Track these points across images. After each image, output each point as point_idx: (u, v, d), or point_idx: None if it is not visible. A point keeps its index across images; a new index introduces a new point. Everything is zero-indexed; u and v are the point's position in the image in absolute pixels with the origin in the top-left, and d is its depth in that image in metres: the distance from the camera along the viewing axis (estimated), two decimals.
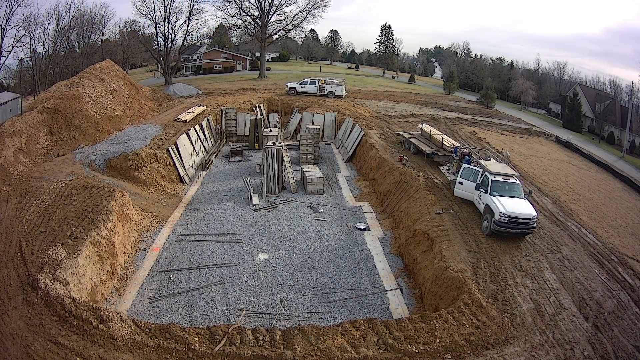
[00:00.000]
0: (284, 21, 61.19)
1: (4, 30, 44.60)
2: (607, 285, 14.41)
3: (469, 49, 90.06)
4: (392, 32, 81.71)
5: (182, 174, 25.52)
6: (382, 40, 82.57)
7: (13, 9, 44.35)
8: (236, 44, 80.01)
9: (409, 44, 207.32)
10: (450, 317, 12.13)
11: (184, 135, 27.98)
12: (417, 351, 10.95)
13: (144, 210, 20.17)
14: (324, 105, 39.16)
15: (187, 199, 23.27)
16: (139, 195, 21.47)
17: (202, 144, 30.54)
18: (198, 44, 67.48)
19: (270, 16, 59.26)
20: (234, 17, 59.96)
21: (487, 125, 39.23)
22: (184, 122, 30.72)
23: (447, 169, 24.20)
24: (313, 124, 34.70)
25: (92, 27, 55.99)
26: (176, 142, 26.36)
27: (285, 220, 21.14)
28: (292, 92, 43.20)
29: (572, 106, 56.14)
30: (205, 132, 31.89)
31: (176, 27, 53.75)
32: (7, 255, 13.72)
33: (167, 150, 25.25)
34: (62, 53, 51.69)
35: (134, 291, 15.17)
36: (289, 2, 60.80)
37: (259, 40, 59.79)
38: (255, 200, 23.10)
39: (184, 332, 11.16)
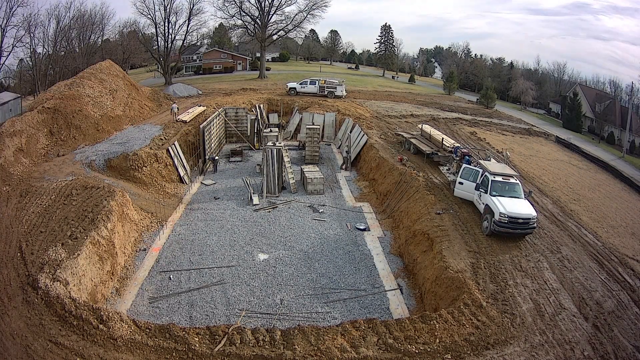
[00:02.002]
0: (284, 21, 61.25)
1: (4, 30, 44.65)
2: (607, 285, 14.41)
3: (469, 49, 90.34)
4: (392, 32, 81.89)
5: (182, 174, 25.52)
6: (382, 41, 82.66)
7: (13, 9, 44.43)
8: (236, 44, 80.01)
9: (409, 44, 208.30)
10: (450, 317, 12.13)
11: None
12: (417, 351, 10.96)
13: (144, 210, 20.17)
14: (324, 105, 39.16)
15: (187, 199, 23.28)
16: (139, 195, 21.46)
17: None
18: (198, 44, 67.46)
19: (270, 16, 59.27)
20: (234, 17, 60.02)
21: (487, 125, 39.22)
22: (184, 122, 30.71)
23: (447, 169, 24.21)
24: (313, 124, 34.71)
25: (92, 27, 55.99)
26: (176, 142, 26.35)
27: (285, 220, 21.13)
28: (292, 92, 43.20)
29: (572, 106, 56.18)
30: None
31: (176, 27, 53.77)
32: (7, 255, 13.72)
33: (167, 150, 25.25)
34: (62, 53, 51.69)
35: (134, 291, 15.17)
36: (289, 2, 60.87)
37: (259, 41, 59.77)
38: (255, 200, 23.10)
39: (184, 332, 11.16)
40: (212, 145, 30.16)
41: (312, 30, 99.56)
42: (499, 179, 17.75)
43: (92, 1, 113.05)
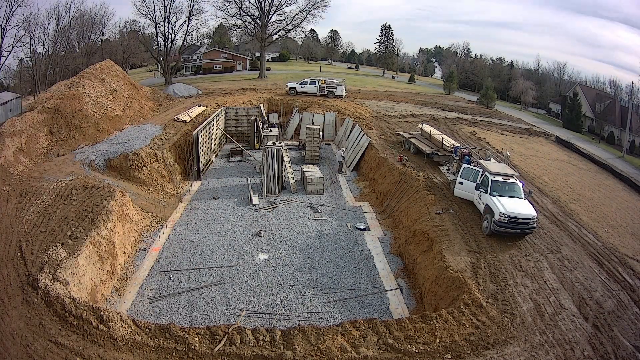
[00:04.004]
0: (284, 21, 61.26)
1: (4, 30, 44.75)
2: (607, 285, 14.41)
3: (469, 49, 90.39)
4: (392, 32, 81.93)
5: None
6: (382, 40, 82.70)
7: (13, 9, 44.58)
8: (236, 44, 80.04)
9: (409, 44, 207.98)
10: (450, 317, 12.13)
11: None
12: (417, 351, 10.96)
13: (144, 210, 20.17)
14: (324, 105, 39.16)
15: (187, 199, 23.28)
16: (139, 195, 21.47)
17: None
18: (198, 44, 67.53)
19: (270, 16, 59.28)
20: (234, 17, 60.02)
21: (487, 125, 39.21)
22: (184, 122, 30.73)
23: (447, 169, 24.20)
24: (313, 124, 34.70)
25: (92, 27, 56.08)
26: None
27: (285, 220, 21.13)
28: (292, 92, 43.19)
29: (572, 106, 56.22)
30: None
31: (176, 27, 53.88)
32: (7, 255, 13.72)
33: (167, 150, 25.23)
34: (62, 53, 51.76)
35: (134, 291, 15.17)
36: (289, 2, 60.79)
37: (259, 40, 59.79)
38: (255, 200, 23.10)
39: (184, 332, 11.16)
40: (212, 146, 30.05)
41: (312, 30, 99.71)
42: (499, 178, 17.74)
43: (92, 1, 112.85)
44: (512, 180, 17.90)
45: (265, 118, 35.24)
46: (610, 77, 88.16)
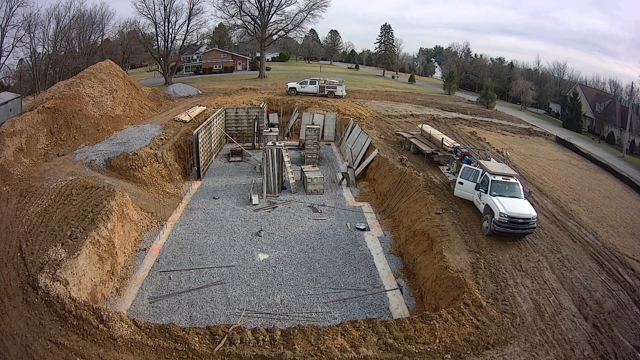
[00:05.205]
0: (284, 21, 61.33)
1: (4, 30, 44.80)
2: (607, 285, 14.41)
3: (469, 49, 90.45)
4: (392, 32, 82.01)
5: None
6: (382, 40, 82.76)
7: (13, 9, 44.64)
8: (236, 44, 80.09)
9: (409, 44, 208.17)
10: (450, 317, 12.13)
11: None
12: (417, 351, 10.96)
13: (144, 210, 20.17)
14: (324, 105, 39.17)
15: (187, 199, 23.28)
16: (139, 195, 21.47)
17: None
18: (198, 44, 67.55)
19: (270, 16, 59.32)
20: (234, 17, 60.08)
21: (487, 125, 39.21)
22: (184, 122, 30.73)
23: (447, 169, 24.20)
24: (313, 124, 34.69)
25: (92, 27, 56.18)
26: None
27: (285, 220, 21.13)
28: (292, 92, 43.21)
29: (572, 106, 56.22)
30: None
31: (176, 27, 53.92)
32: (7, 255, 13.73)
33: (167, 150, 25.22)
34: (62, 53, 51.83)
35: (134, 291, 15.17)
36: (289, 2, 60.86)
37: (259, 40, 59.82)
38: (255, 200, 23.10)
39: (184, 332, 11.16)
40: (212, 146, 30.02)
41: (312, 30, 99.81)
42: (499, 178, 17.74)
43: (92, 1, 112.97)
44: (512, 180, 17.90)
45: (267, 121, 35.27)
46: (610, 77, 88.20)
